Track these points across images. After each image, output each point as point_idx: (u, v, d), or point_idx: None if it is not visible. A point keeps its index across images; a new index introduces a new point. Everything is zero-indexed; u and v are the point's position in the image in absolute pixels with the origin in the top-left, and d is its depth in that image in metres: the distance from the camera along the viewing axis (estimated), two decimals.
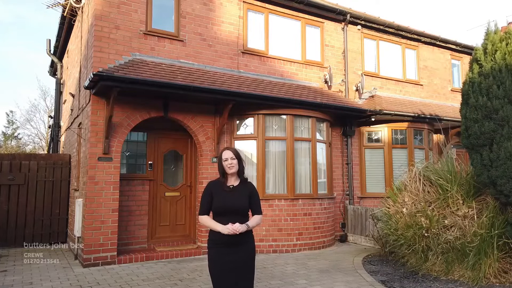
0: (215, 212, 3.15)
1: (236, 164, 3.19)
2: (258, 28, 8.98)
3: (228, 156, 3.19)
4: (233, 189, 3.20)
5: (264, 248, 7.67)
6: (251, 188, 3.28)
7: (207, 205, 3.17)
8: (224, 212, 3.12)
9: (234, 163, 3.19)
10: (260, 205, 3.29)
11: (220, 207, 3.13)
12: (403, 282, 5.43)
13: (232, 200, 3.14)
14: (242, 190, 3.21)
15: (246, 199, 3.20)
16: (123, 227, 7.29)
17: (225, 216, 3.08)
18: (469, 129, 5.55)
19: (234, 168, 3.19)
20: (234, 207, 3.13)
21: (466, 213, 5.57)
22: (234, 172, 3.20)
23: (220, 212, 3.13)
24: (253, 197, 3.24)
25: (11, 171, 8.48)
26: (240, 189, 3.22)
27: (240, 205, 3.16)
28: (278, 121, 8.20)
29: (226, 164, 3.19)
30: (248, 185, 3.29)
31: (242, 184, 3.26)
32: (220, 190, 3.19)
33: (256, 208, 3.25)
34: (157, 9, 7.73)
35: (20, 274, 6.02)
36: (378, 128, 9.90)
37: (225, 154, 3.21)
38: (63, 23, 9.67)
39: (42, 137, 26.56)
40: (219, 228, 3.03)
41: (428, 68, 11.85)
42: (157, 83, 6.55)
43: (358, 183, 9.81)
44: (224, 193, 3.17)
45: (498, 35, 5.72)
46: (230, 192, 3.18)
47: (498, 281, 5.25)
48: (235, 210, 3.13)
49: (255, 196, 3.27)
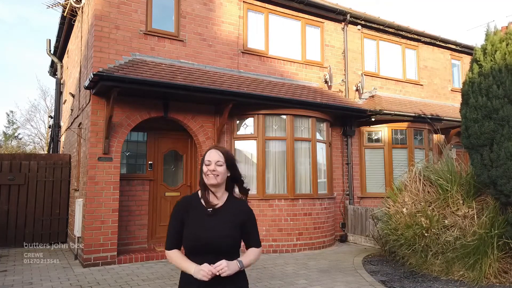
0: (186, 248, 2.09)
1: (222, 172, 2.12)
2: (258, 28, 8.98)
3: (213, 159, 2.12)
4: (216, 211, 2.11)
5: (264, 248, 7.67)
6: (245, 209, 2.19)
7: (176, 235, 2.10)
8: (197, 250, 2.03)
9: (219, 171, 2.10)
10: (258, 234, 2.22)
11: (190, 242, 2.05)
12: (403, 282, 5.43)
13: (211, 230, 2.04)
14: (230, 214, 2.13)
15: (235, 229, 2.10)
16: (123, 227, 7.29)
17: (199, 256, 2.00)
18: (469, 129, 5.55)
19: (217, 179, 2.10)
20: (212, 243, 2.02)
21: (466, 213, 5.57)
22: (216, 184, 2.11)
23: (191, 250, 2.05)
24: (248, 225, 2.16)
25: (11, 171, 8.48)
26: (226, 211, 2.13)
27: (222, 239, 2.04)
28: (278, 121, 8.20)
29: (206, 170, 2.12)
30: (241, 206, 2.20)
31: (231, 204, 2.18)
32: (196, 213, 2.11)
33: (253, 240, 2.19)
34: (157, 9, 7.73)
35: (20, 274, 6.02)
36: (378, 128, 9.90)
37: (208, 156, 2.14)
38: (63, 23, 9.67)
39: (42, 137, 26.57)
40: (191, 269, 1.97)
41: (428, 68, 11.84)
42: (157, 83, 6.55)
43: (358, 183, 9.81)
44: (201, 218, 2.09)
45: (497, 36, 5.72)
46: (210, 216, 2.09)
47: (498, 281, 5.25)
48: (215, 248, 2.01)
49: (251, 222, 2.18)
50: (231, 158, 2.20)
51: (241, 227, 2.12)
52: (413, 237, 5.78)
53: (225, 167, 2.14)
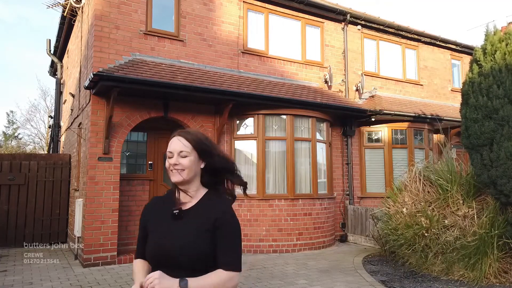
0: (148, 260, 1.69)
1: (189, 165, 1.61)
2: (258, 28, 8.98)
3: (175, 149, 1.62)
4: (182, 214, 1.62)
5: (264, 248, 7.66)
6: (218, 211, 1.60)
7: (142, 242, 1.72)
8: (157, 262, 1.59)
9: (184, 164, 1.61)
10: (234, 250, 1.58)
11: (149, 253, 1.65)
12: (403, 282, 5.43)
13: (171, 238, 1.58)
14: (200, 216, 1.60)
15: (202, 237, 1.55)
16: (123, 227, 7.29)
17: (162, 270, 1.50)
18: (469, 129, 5.55)
19: (183, 174, 1.61)
20: (169, 254, 1.55)
21: (466, 213, 5.57)
22: (183, 182, 1.63)
23: (152, 262, 1.65)
24: (218, 233, 1.56)
25: (11, 171, 8.47)
26: (196, 213, 1.62)
27: (181, 249, 1.54)
28: (278, 121, 8.20)
29: (168, 165, 1.65)
30: (215, 205, 1.63)
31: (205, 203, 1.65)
32: (162, 216, 1.67)
33: (222, 256, 1.55)
34: (157, 9, 7.73)
35: (20, 274, 6.02)
36: (378, 128, 9.90)
37: (170, 146, 1.65)
38: (63, 23, 9.67)
39: (42, 137, 26.57)
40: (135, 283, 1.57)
41: (428, 68, 11.84)
42: (157, 83, 6.55)
43: (358, 183, 9.80)
44: (166, 223, 1.63)
45: (497, 36, 5.73)
46: (176, 220, 1.62)
47: (498, 281, 5.25)
48: (174, 261, 1.54)
49: (223, 230, 1.57)
50: (203, 142, 1.66)
51: (210, 235, 1.55)
52: (413, 237, 5.78)
53: (194, 157, 1.63)
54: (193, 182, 1.67)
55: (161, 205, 1.73)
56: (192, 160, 1.63)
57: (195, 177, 1.67)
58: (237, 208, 7.79)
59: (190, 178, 1.64)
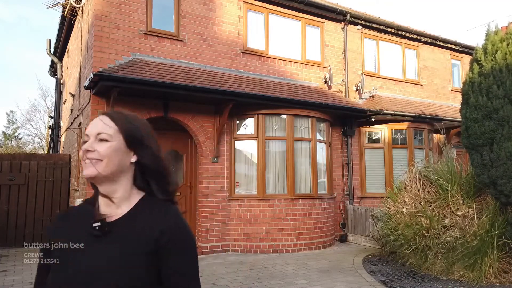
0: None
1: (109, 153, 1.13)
2: (258, 28, 8.98)
3: (92, 131, 1.17)
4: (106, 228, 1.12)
5: (264, 248, 7.66)
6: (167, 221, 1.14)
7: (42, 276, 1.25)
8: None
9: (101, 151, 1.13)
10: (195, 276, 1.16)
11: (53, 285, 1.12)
12: (403, 282, 5.43)
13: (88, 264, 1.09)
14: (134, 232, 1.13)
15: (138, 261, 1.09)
16: None
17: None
18: (469, 129, 5.54)
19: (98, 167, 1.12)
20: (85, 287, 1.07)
21: (466, 213, 5.57)
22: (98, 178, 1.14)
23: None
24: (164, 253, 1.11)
25: (11, 171, 8.47)
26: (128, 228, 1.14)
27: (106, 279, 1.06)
28: (278, 121, 8.20)
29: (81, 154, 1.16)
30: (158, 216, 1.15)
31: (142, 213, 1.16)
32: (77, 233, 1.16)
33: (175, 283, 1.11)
34: (157, 9, 7.73)
35: (20, 274, 6.02)
36: (378, 128, 9.89)
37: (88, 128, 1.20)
38: (63, 23, 9.68)
39: (42, 137, 26.58)
40: None
41: (428, 68, 11.84)
42: (157, 83, 6.55)
43: (358, 183, 9.80)
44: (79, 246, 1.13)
45: (498, 36, 5.72)
46: (96, 238, 1.12)
47: (498, 281, 5.25)
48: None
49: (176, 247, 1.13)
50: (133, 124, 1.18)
51: (153, 258, 1.10)
52: (413, 237, 5.78)
53: (119, 143, 1.14)
54: (119, 182, 1.16)
55: (73, 218, 1.22)
56: (114, 147, 1.13)
57: (121, 175, 1.16)
58: (237, 208, 7.80)
59: (110, 173, 1.13)
